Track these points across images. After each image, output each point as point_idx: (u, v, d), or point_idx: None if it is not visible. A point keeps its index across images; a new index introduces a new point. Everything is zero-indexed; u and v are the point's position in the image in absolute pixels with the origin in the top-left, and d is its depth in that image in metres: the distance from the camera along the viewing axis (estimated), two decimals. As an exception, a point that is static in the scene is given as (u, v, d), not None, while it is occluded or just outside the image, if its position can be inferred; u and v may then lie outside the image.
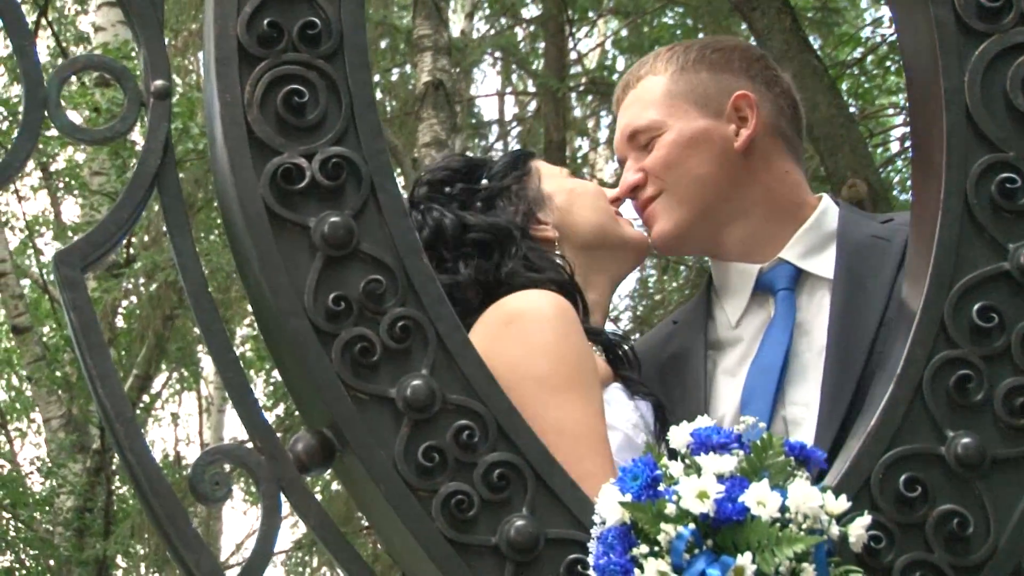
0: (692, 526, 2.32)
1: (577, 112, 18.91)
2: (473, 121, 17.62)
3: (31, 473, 18.80)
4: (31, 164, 17.96)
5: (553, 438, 2.68)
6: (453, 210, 3.40)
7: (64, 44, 17.17)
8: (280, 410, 19.43)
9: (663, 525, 2.32)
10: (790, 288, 3.50)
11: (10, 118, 16.46)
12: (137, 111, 2.64)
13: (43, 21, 15.69)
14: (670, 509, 2.34)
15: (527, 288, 3.22)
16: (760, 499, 2.32)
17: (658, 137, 3.56)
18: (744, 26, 9.09)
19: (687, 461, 2.42)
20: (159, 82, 2.63)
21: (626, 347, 3.41)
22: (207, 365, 20.97)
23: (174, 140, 2.63)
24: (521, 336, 3.01)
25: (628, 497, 2.38)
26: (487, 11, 18.07)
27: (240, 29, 2.60)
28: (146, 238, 16.40)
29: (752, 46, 3.71)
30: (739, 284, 3.61)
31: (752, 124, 3.54)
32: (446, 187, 3.47)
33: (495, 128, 18.65)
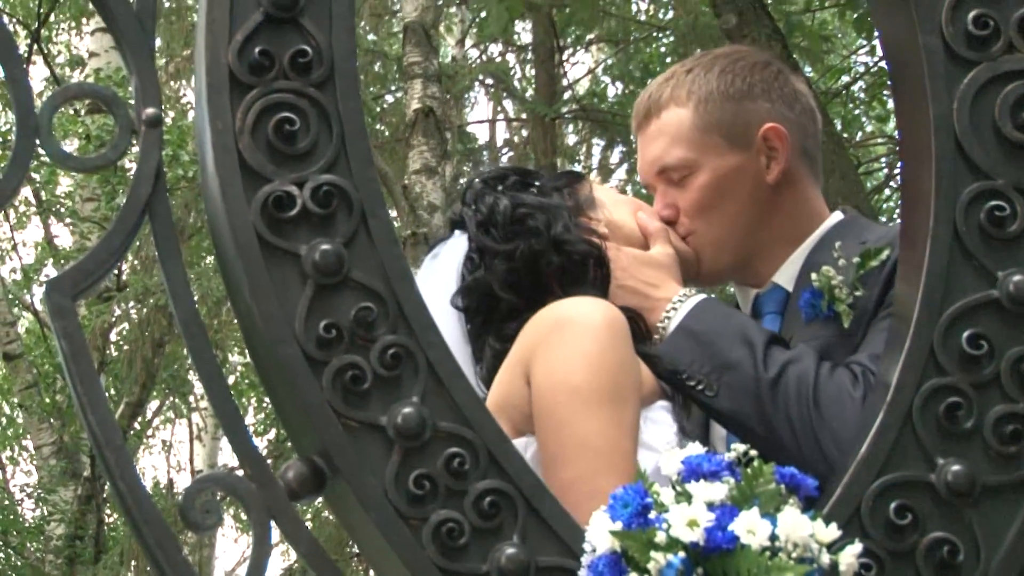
0: (682, 554, 2.31)
1: (570, 139, 18.94)
2: (460, 147, 17.60)
3: (22, 500, 18.78)
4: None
5: (575, 450, 2.76)
6: (507, 195, 3.48)
7: (57, 69, 17.19)
8: (271, 434, 19.39)
9: (653, 553, 2.32)
10: (777, 312, 3.52)
11: (2, 143, 16.47)
12: (128, 139, 2.63)
13: (36, 47, 15.70)
14: (660, 537, 2.33)
15: (566, 261, 3.35)
16: (750, 527, 2.31)
17: (690, 176, 3.57)
18: (739, 45, 9.12)
19: (678, 488, 2.41)
20: (150, 110, 2.62)
21: None
22: (199, 391, 20.93)
23: (164, 166, 2.63)
24: (565, 342, 3.02)
25: (618, 525, 2.38)
26: (477, 37, 18.10)
27: (231, 57, 2.59)
28: (136, 263, 16.38)
29: (767, 60, 3.68)
30: (744, 308, 3.68)
31: (783, 156, 3.56)
32: (499, 183, 3.55)
33: (485, 154, 18.66)
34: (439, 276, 3.48)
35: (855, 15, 11.78)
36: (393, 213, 12.85)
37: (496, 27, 13.09)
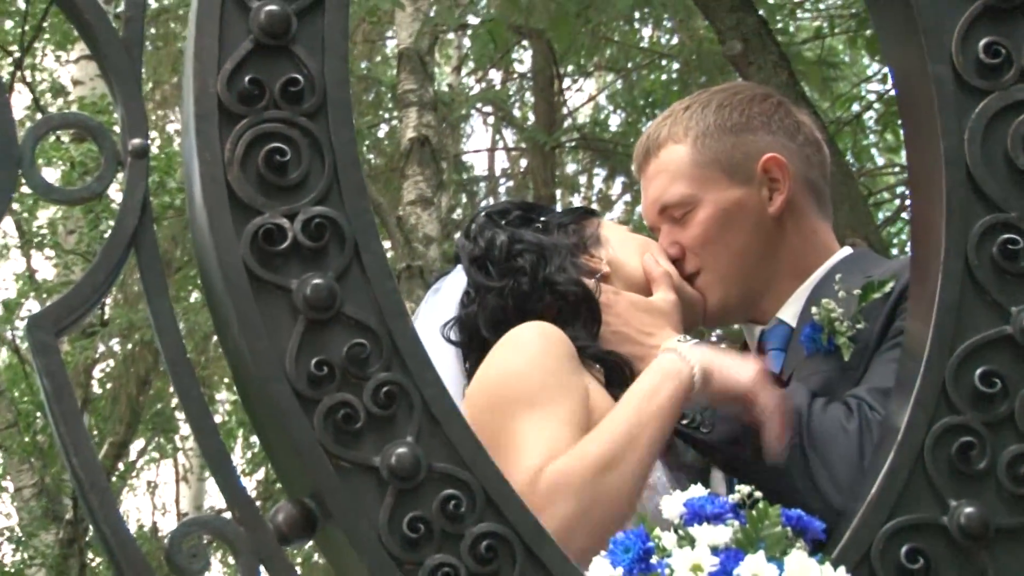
0: (686, 600, 2.32)
1: (570, 168, 18.92)
2: (457, 177, 17.61)
3: (1, 544, 18.71)
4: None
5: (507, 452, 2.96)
6: (507, 230, 3.55)
7: (40, 99, 17.19)
8: (260, 475, 19.35)
9: (656, 599, 2.32)
10: (780, 348, 3.54)
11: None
12: (114, 170, 2.63)
13: (19, 75, 15.71)
14: (663, 582, 2.33)
15: (559, 301, 3.43)
16: (756, 571, 2.32)
17: (692, 212, 3.59)
18: (739, 80, 9.13)
19: (680, 532, 2.41)
20: (137, 140, 2.62)
21: None
22: (185, 431, 20.87)
23: (151, 194, 2.63)
24: (497, 360, 3.24)
25: (620, 571, 2.38)
26: (474, 64, 18.12)
27: (220, 86, 2.61)
28: (120, 297, 16.37)
29: (766, 93, 3.72)
30: (750, 344, 3.70)
31: (784, 187, 3.58)
32: (503, 218, 3.61)
33: (483, 185, 18.66)
34: (440, 311, 3.51)
35: (867, 34, 11.77)
36: (387, 245, 12.85)
37: (476, 53, 13.10)
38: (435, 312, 3.54)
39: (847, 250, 3.68)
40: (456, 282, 3.57)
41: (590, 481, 2.95)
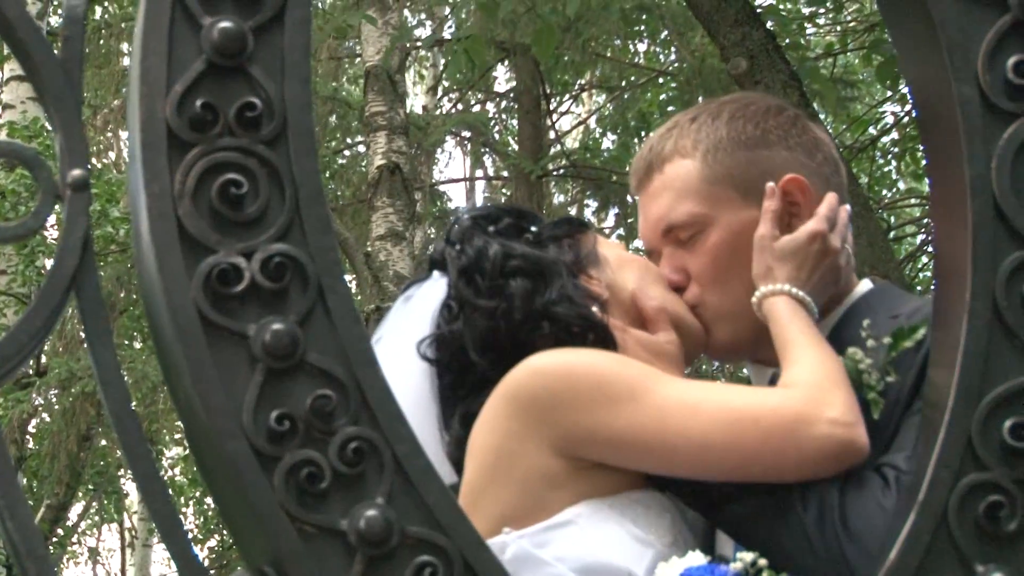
0: None
1: (558, 199, 18.95)
2: (432, 209, 17.61)
3: (-75, 619, 18.62)
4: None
5: (641, 446, 3.06)
6: (498, 240, 3.50)
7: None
8: (214, 541, 19.31)
9: (653, 677, 2.32)
10: None
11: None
12: (52, 204, 2.61)
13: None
14: (661, 659, 2.34)
15: (559, 332, 3.38)
16: (764, 646, 2.33)
17: (700, 234, 3.58)
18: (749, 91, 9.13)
19: (679, 603, 2.42)
20: (77, 172, 2.61)
21: None
22: (131, 491, 20.82)
23: (91, 224, 2.61)
24: (582, 381, 3.17)
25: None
26: (453, 83, 18.15)
27: (169, 111, 2.59)
28: (59, 344, 16.34)
29: (780, 105, 3.68)
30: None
31: (805, 212, 3.56)
32: (491, 224, 3.57)
33: (461, 218, 18.63)
34: (410, 324, 3.46)
35: (879, 61, 11.79)
36: (353, 283, 12.83)
37: (453, 72, 13.14)
38: (405, 323, 3.48)
39: (867, 283, 3.66)
40: (431, 292, 3.53)
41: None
